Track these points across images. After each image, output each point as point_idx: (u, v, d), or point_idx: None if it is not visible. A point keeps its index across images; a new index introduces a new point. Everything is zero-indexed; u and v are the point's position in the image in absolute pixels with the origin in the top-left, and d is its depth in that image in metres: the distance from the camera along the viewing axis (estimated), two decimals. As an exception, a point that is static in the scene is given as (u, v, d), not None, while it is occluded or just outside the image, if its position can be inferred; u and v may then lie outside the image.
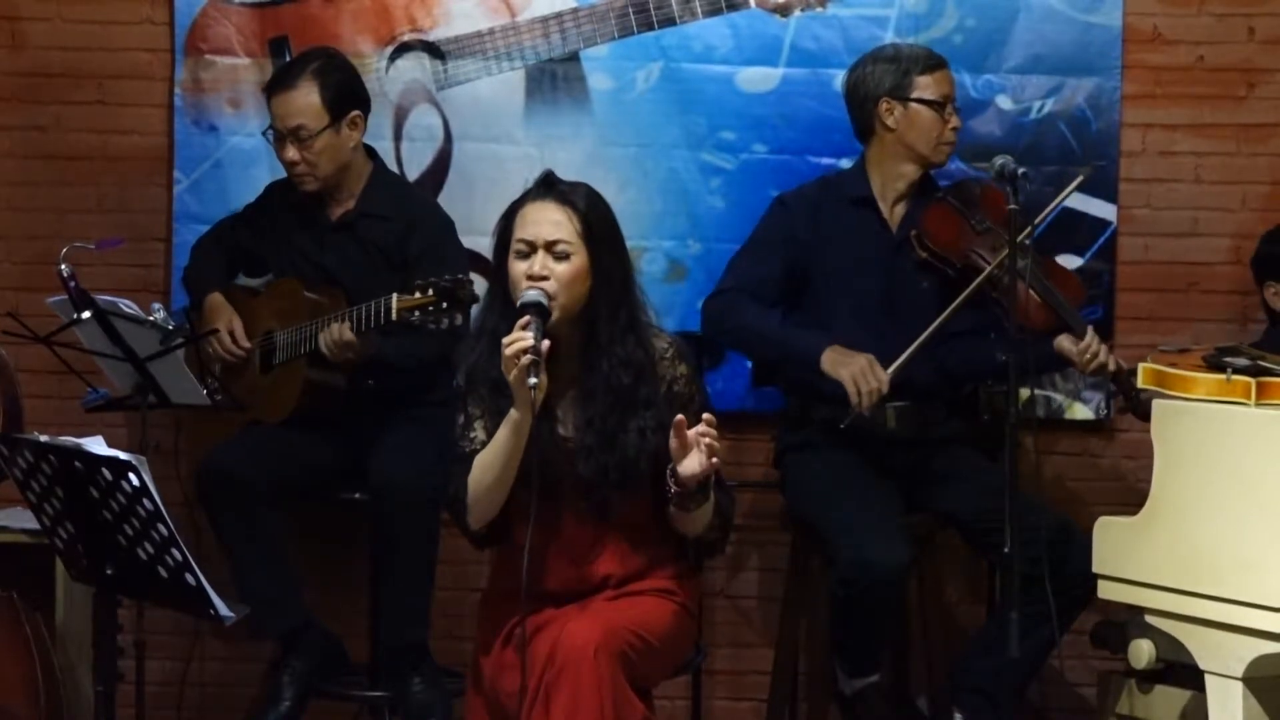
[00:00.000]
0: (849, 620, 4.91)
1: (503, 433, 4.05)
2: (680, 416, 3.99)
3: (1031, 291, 4.87)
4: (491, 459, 4.07)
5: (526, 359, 3.91)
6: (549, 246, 4.06)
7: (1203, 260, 5.66)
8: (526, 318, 3.97)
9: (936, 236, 5.04)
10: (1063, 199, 5.12)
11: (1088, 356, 4.91)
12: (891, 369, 4.87)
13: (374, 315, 4.83)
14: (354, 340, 4.91)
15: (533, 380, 3.90)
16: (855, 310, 5.09)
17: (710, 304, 5.13)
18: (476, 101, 5.64)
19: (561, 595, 4.16)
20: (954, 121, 5.12)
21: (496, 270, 4.17)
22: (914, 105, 5.08)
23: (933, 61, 5.13)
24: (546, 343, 3.94)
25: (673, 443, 4.00)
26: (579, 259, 4.07)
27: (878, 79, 5.11)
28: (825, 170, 5.42)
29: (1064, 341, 4.95)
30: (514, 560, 4.02)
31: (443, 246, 5.18)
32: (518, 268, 4.08)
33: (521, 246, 4.08)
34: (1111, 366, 4.93)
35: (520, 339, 3.94)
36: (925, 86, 5.09)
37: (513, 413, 4.01)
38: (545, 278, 4.04)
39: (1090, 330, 4.95)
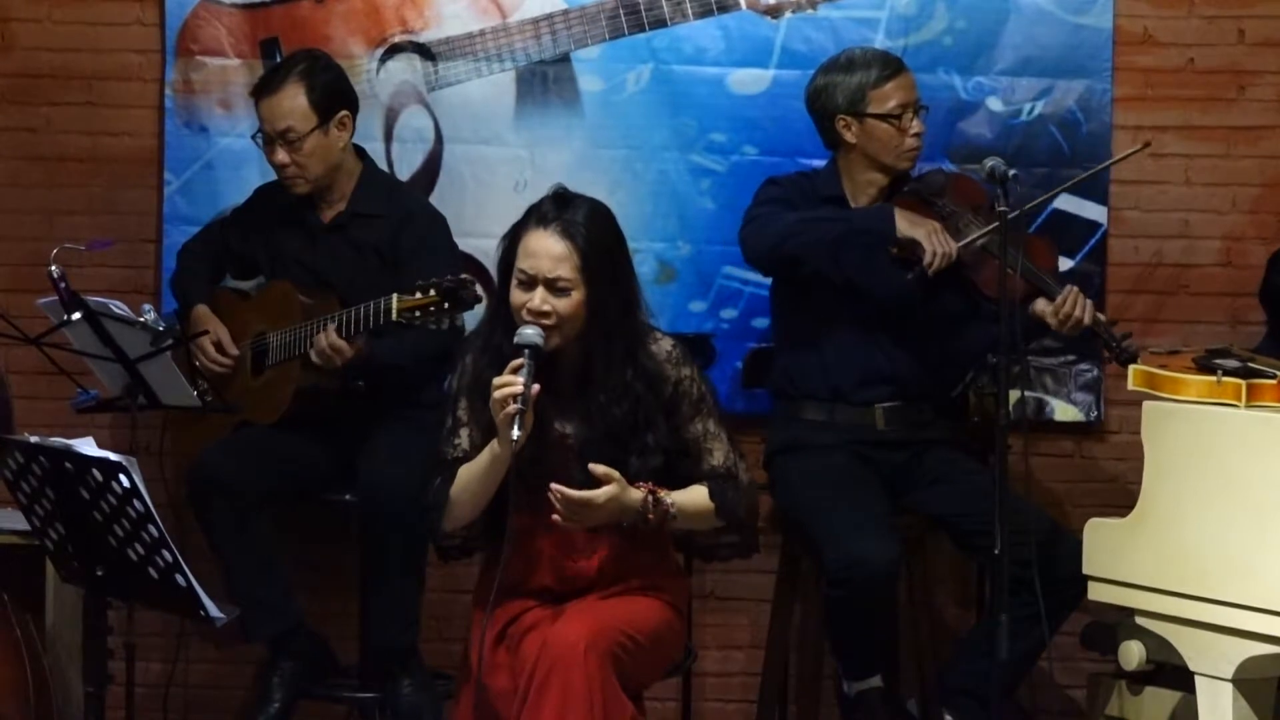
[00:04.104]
0: (843, 622, 4.91)
1: (484, 457, 4.10)
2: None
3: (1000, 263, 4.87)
4: (469, 479, 4.14)
5: (513, 407, 3.95)
6: (549, 283, 4.07)
7: (1193, 262, 5.66)
8: (519, 360, 4.00)
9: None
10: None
11: (1062, 316, 4.91)
12: (960, 243, 4.91)
13: (373, 316, 4.82)
14: (344, 345, 4.91)
15: (515, 433, 3.94)
16: (840, 307, 5.09)
17: (747, 228, 5.09)
18: (467, 103, 5.64)
19: (553, 593, 4.17)
20: (914, 128, 5.09)
21: (500, 285, 4.18)
22: (870, 121, 5.07)
23: (887, 70, 5.08)
24: (536, 387, 4.00)
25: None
26: (578, 294, 4.09)
27: (831, 95, 5.09)
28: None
29: (1039, 305, 4.96)
30: (508, 554, 4.04)
31: (435, 243, 5.18)
32: (519, 297, 4.10)
33: (523, 277, 4.10)
34: (1088, 320, 4.93)
35: (509, 384, 3.97)
36: (880, 99, 5.06)
37: (495, 444, 4.04)
38: (546, 313, 4.06)
39: (1068, 288, 4.94)
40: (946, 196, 5.09)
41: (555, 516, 4.06)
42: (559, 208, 4.13)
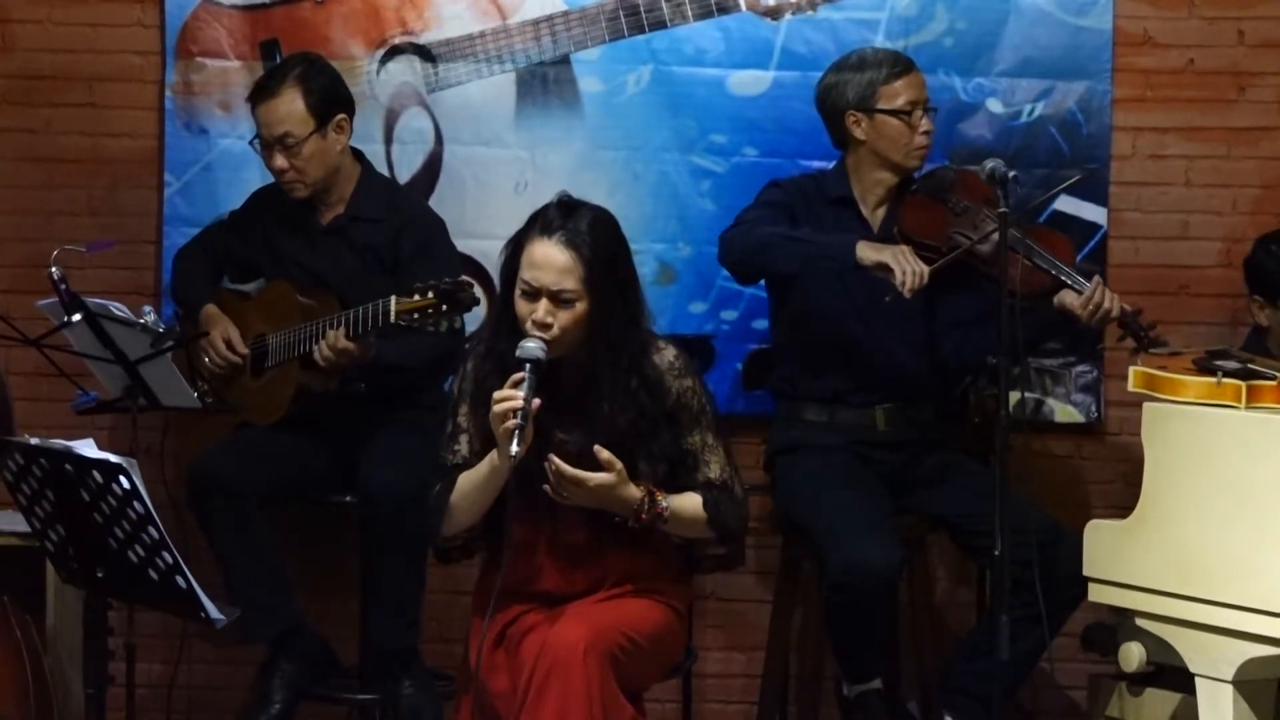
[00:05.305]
0: (843, 625, 4.90)
1: (484, 468, 4.10)
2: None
3: (1025, 260, 4.87)
4: (468, 488, 4.13)
5: (513, 422, 3.93)
6: (553, 295, 4.06)
7: (1193, 264, 5.66)
8: (520, 374, 3.99)
9: (916, 228, 5.02)
10: (1056, 194, 5.16)
11: (1091, 308, 4.90)
12: (932, 267, 4.84)
13: (371, 318, 4.82)
14: (351, 347, 4.91)
15: (515, 447, 3.93)
16: (844, 307, 5.09)
17: (729, 231, 5.08)
18: (467, 104, 5.64)
19: (555, 596, 4.17)
20: (924, 126, 5.09)
21: (503, 291, 4.17)
22: (880, 116, 5.07)
23: (898, 68, 5.09)
24: (536, 402, 3.97)
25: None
26: (582, 305, 4.07)
27: (841, 92, 5.09)
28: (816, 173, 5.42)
29: (1065, 296, 4.94)
30: (509, 560, 4.03)
31: (434, 246, 5.18)
32: (523, 307, 4.08)
33: (526, 288, 4.08)
34: (1116, 312, 4.92)
35: (510, 399, 3.96)
36: (891, 96, 5.06)
37: (495, 455, 4.03)
38: (550, 325, 4.05)
39: (1095, 279, 4.94)
40: (957, 192, 5.09)
41: (545, 487, 4.05)
42: (563, 216, 4.11)
